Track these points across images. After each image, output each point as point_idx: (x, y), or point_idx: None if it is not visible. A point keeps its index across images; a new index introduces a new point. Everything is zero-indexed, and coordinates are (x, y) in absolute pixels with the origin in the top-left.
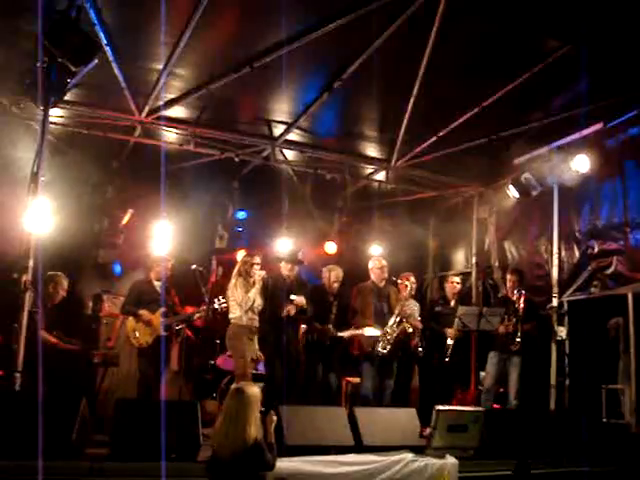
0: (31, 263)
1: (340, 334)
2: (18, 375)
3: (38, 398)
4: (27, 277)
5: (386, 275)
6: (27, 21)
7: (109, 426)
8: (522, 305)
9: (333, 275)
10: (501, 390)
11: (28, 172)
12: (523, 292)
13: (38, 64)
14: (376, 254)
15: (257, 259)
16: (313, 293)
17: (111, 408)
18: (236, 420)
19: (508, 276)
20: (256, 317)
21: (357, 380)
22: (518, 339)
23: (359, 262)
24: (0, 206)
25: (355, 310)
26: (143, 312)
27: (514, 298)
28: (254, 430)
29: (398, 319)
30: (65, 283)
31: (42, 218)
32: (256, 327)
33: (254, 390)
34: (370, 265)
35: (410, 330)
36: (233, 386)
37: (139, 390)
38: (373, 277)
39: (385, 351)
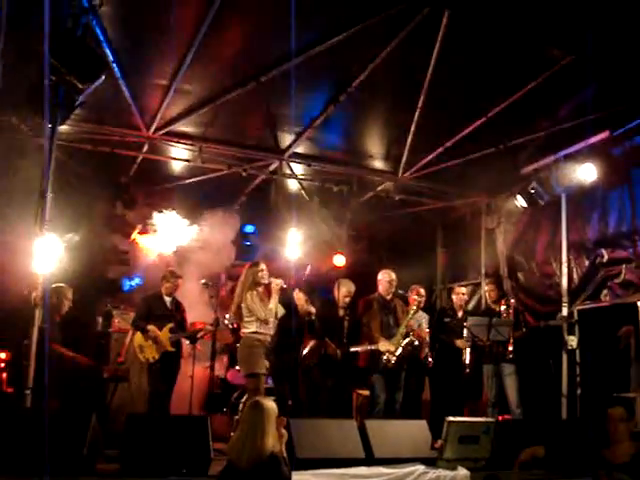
0: (41, 279)
1: (353, 349)
2: (29, 392)
3: (49, 414)
4: (37, 293)
5: (394, 288)
6: (34, 40)
7: (120, 441)
8: (512, 313)
9: (344, 289)
10: (493, 401)
11: (37, 188)
12: (512, 301)
13: (46, 82)
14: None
15: (262, 266)
16: (323, 307)
17: (122, 423)
18: (254, 432)
19: (486, 287)
20: (270, 331)
21: (367, 392)
22: (510, 347)
23: (366, 275)
24: (9, 223)
25: (362, 323)
26: (151, 328)
27: (498, 309)
28: (271, 442)
29: (404, 332)
30: (69, 294)
31: (51, 239)
32: (269, 341)
33: (271, 403)
34: (379, 277)
35: (417, 343)
36: (251, 399)
37: (149, 405)
38: (380, 289)
39: (391, 363)
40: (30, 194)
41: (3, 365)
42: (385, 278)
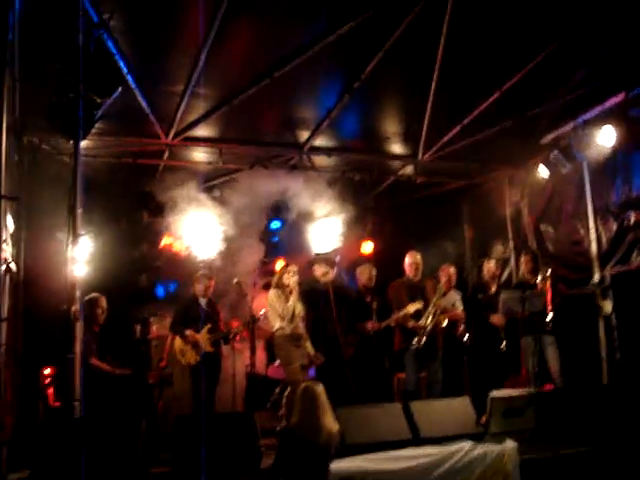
0: (78, 293)
1: (381, 324)
2: (77, 404)
3: (100, 424)
4: (76, 307)
5: (420, 270)
6: (50, 59)
7: (170, 443)
8: (549, 284)
9: (365, 274)
10: (535, 371)
11: (64, 205)
12: (549, 271)
13: (64, 100)
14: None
15: (290, 267)
16: (351, 296)
17: (170, 425)
18: (324, 410)
19: (522, 258)
20: (300, 324)
21: None
22: (548, 318)
23: (395, 259)
24: (43, 240)
25: (391, 306)
26: (189, 333)
27: (533, 280)
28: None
29: (433, 312)
30: (103, 303)
31: (83, 250)
32: (300, 333)
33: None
34: (405, 260)
35: (445, 324)
36: (303, 385)
37: (194, 406)
38: (407, 272)
39: (420, 344)
40: (59, 211)
41: (49, 380)
42: (410, 260)
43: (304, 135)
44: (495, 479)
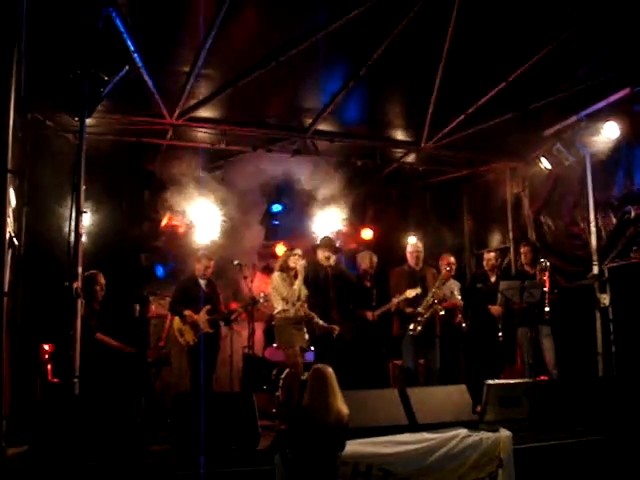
0: (80, 270)
1: (380, 310)
2: (76, 381)
3: (98, 401)
4: (78, 284)
5: (421, 258)
6: (57, 35)
7: (168, 422)
8: (547, 275)
9: (366, 262)
10: (530, 362)
11: (68, 182)
12: (548, 263)
13: (71, 76)
14: (412, 238)
15: (296, 251)
16: (352, 281)
17: (168, 405)
18: (335, 393)
19: (521, 249)
20: (304, 306)
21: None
22: (547, 309)
23: (395, 246)
24: (44, 216)
25: (391, 294)
26: (188, 313)
27: (532, 271)
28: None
29: (431, 300)
30: (102, 279)
31: (85, 227)
32: (302, 316)
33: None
34: (407, 249)
35: (442, 313)
36: (291, 372)
37: (192, 386)
38: (409, 260)
39: (417, 331)
40: (61, 187)
41: (47, 356)
42: (411, 249)
43: (308, 119)
44: (490, 466)
